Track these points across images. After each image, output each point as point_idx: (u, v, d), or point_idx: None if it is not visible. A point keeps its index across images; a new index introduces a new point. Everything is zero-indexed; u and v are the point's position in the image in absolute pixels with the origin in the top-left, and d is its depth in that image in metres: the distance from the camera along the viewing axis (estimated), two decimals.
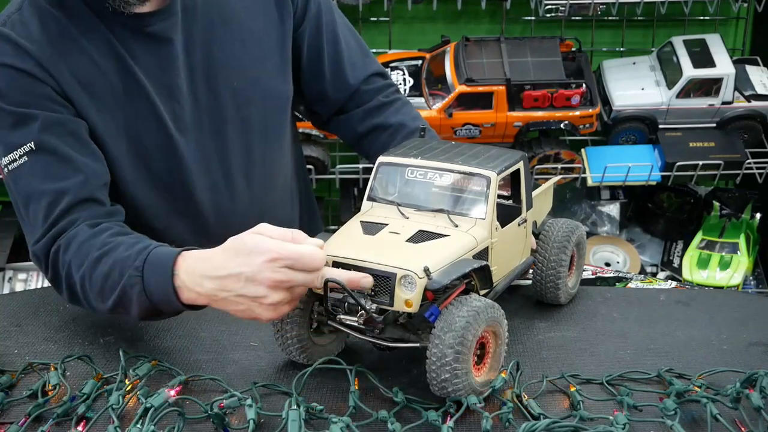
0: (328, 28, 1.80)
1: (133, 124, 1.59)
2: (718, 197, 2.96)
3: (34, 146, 1.50)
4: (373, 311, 1.24)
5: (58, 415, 1.24)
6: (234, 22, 1.67)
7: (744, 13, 2.99)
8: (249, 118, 1.71)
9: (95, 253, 1.43)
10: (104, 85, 1.56)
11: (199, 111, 1.65)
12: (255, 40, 1.69)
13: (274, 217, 1.62)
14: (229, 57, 1.66)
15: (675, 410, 1.22)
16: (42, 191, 1.50)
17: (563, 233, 1.52)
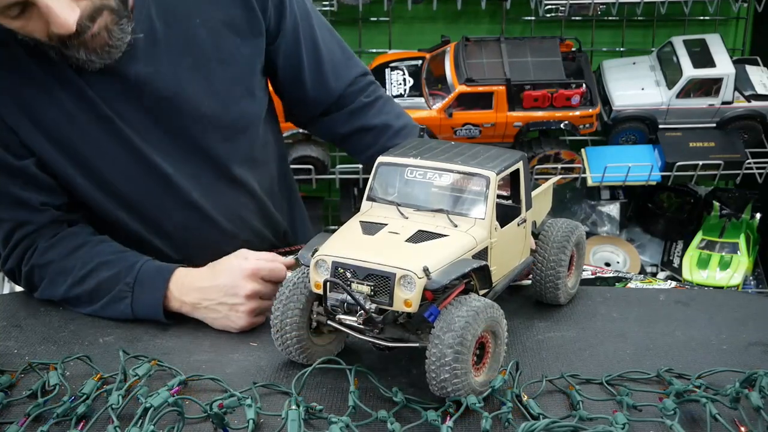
0: (307, 38, 1.75)
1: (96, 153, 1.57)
2: (718, 197, 2.96)
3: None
4: (372, 311, 1.24)
5: (58, 415, 1.24)
6: (199, 48, 1.60)
7: (744, 13, 2.99)
8: (218, 143, 1.67)
9: (80, 272, 1.56)
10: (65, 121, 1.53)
11: (164, 138, 1.61)
12: (223, 64, 1.63)
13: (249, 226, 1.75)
14: (195, 86, 1.61)
15: (674, 410, 1.22)
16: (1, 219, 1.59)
17: (563, 233, 1.52)
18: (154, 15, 1.54)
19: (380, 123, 1.83)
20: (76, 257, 1.58)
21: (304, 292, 1.33)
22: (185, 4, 1.59)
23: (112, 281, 1.54)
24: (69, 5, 1.38)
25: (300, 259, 1.33)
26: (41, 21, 1.39)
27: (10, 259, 1.61)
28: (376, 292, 1.24)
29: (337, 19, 2.86)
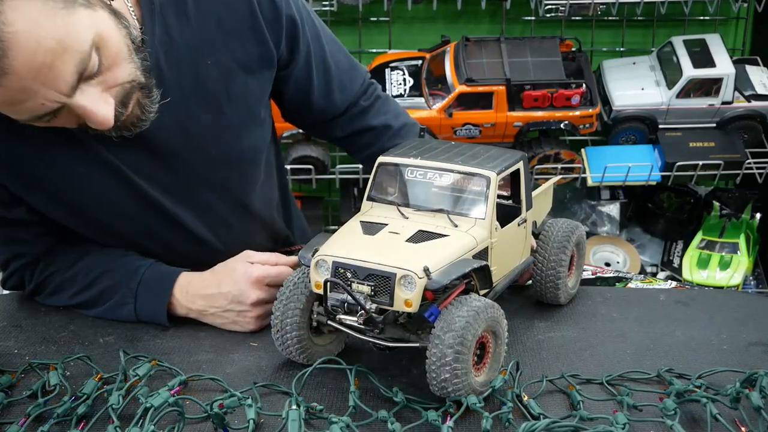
0: (318, 61, 1.71)
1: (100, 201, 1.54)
2: (718, 197, 2.96)
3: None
4: (372, 311, 1.24)
5: (59, 415, 1.24)
6: (209, 89, 1.55)
7: (744, 13, 2.99)
8: (228, 179, 1.65)
9: (85, 279, 1.57)
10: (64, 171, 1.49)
11: (174, 183, 1.58)
12: (234, 104, 1.59)
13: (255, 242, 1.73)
14: (204, 129, 1.56)
15: (675, 410, 1.22)
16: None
17: (563, 233, 1.52)
18: (163, 62, 1.47)
19: (380, 124, 1.82)
20: (79, 267, 1.58)
21: (305, 292, 1.33)
22: (196, 47, 1.51)
23: (116, 288, 1.55)
24: (102, 98, 1.33)
25: (300, 259, 1.33)
26: (72, 116, 1.33)
27: (11, 280, 1.64)
28: (376, 292, 1.24)
29: (337, 19, 2.86)
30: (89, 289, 1.57)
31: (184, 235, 1.64)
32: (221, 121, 1.58)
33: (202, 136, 1.56)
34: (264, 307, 1.51)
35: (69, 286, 1.58)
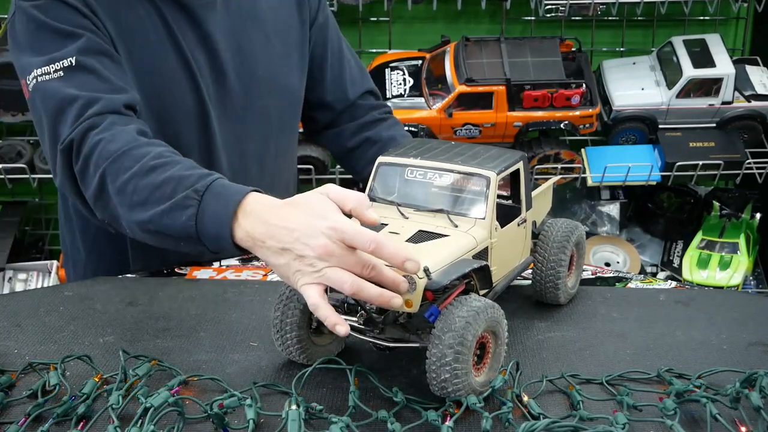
0: (333, 42, 1.90)
1: (168, 88, 1.65)
2: (718, 197, 2.96)
3: (74, 63, 1.50)
4: (372, 311, 1.24)
5: (58, 415, 1.24)
6: (261, 18, 1.77)
7: (744, 13, 2.99)
8: (268, 108, 1.79)
9: (151, 161, 1.38)
10: (148, 44, 1.63)
11: (223, 92, 1.72)
12: (278, 38, 1.79)
13: None
14: (255, 48, 1.75)
15: (675, 410, 1.22)
16: (76, 96, 1.48)
17: (563, 233, 1.52)
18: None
19: (387, 136, 1.89)
20: (148, 150, 1.41)
21: None
22: None
23: (182, 183, 1.34)
24: None
25: None
26: None
27: (76, 130, 1.46)
28: None
29: (337, 19, 2.85)
30: (153, 173, 1.37)
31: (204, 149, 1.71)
32: (268, 49, 1.76)
33: (251, 54, 1.74)
34: (326, 263, 1.19)
35: (131, 163, 1.39)
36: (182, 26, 1.67)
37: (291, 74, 1.83)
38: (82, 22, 1.55)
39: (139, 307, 1.60)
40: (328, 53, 1.89)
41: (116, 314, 1.57)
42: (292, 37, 1.82)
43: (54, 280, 2.70)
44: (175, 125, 1.67)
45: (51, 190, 3.05)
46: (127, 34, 1.62)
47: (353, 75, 1.93)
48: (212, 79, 1.72)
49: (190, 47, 1.68)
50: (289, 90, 1.83)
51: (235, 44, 1.73)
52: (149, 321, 1.55)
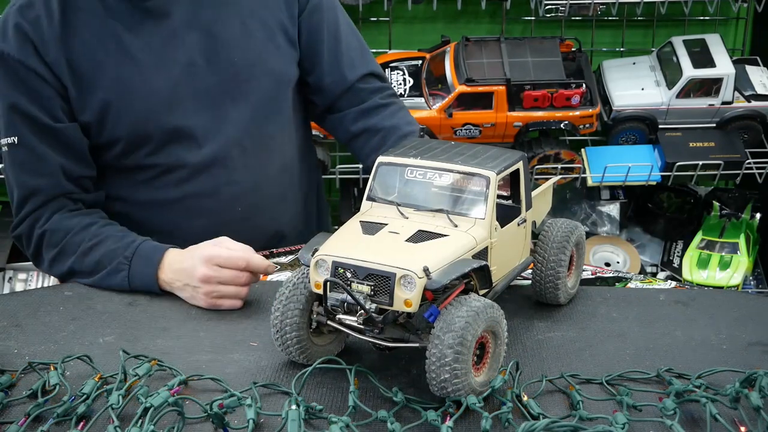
0: (330, 22, 1.88)
1: (134, 91, 1.72)
2: (718, 197, 2.95)
3: (17, 141, 1.71)
4: (372, 311, 1.24)
5: (58, 415, 1.24)
6: (234, 3, 1.78)
7: (744, 13, 2.98)
8: (248, 92, 1.80)
9: (87, 243, 1.69)
10: (100, 64, 1.70)
11: (197, 82, 1.76)
12: (256, 20, 1.80)
13: (266, 191, 1.84)
14: (230, 35, 1.77)
15: (674, 410, 1.22)
16: (18, 183, 1.75)
17: (562, 233, 1.52)
18: None
19: (390, 125, 1.88)
20: (85, 233, 1.70)
21: (304, 292, 1.33)
22: None
23: (113, 255, 1.65)
24: None
25: (300, 258, 1.33)
26: None
27: (22, 225, 1.75)
28: (376, 292, 1.24)
29: None
30: (90, 253, 1.67)
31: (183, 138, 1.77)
32: (245, 34, 1.78)
33: (226, 41, 1.76)
34: (212, 287, 1.56)
35: (74, 249, 1.69)
36: (140, 28, 1.72)
37: (275, 56, 1.82)
38: (36, 90, 1.69)
39: (139, 307, 1.60)
40: (324, 35, 1.87)
41: (116, 314, 1.58)
42: (274, 17, 1.82)
43: (54, 280, 2.69)
44: (149, 122, 1.75)
45: None
46: (82, 56, 1.70)
47: (352, 57, 1.91)
48: (182, 71, 1.75)
49: (153, 46, 1.73)
50: (274, 72, 1.83)
51: (205, 33, 1.75)
52: (149, 321, 1.55)
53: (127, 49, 1.72)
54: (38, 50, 1.68)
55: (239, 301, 1.59)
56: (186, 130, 1.77)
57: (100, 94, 1.72)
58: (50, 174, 1.73)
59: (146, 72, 1.73)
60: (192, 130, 1.78)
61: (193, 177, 1.80)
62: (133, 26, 1.72)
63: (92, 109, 1.73)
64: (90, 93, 1.72)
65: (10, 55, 1.67)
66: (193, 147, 1.78)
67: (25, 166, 1.73)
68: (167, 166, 1.79)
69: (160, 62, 1.74)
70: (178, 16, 1.74)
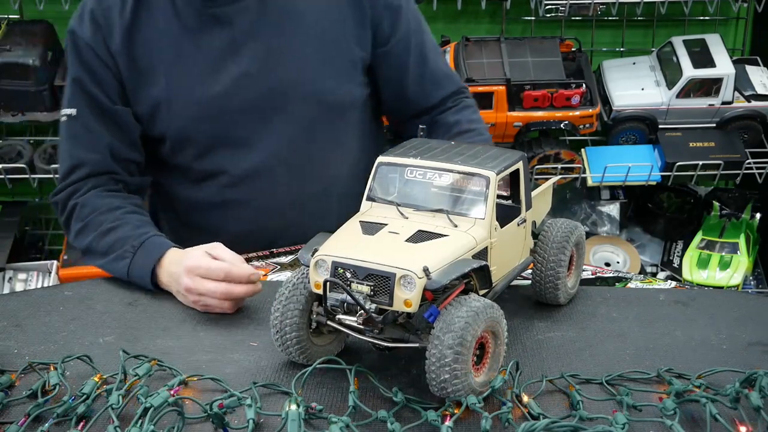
0: (417, 49, 1.89)
1: (178, 99, 1.77)
2: (718, 197, 2.95)
3: (75, 114, 1.79)
4: (372, 311, 1.24)
5: (58, 415, 1.24)
6: (300, 20, 1.79)
7: (744, 13, 2.99)
8: (294, 110, 1.81)
9: (108, 225, 1.73)
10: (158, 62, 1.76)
11: (248, 94, 1.78)
12: (318, 41, 1.80)
13: (307, 209, 1.87)
14: (287, 51, 1.79)
15: (674, 410, 1.22)
16: (69, 153, 1.82)
17: (562, 233, 1.52)
18: None
19: (453, 120, 1.91)
20: (110, 214, 1.74)
21: (304, 292, 1.33)
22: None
23: (124, 242, 1.69)
24: None
25: (300, 259, 1.33)
26: None
27: (62, 193, 1.81)
28: (376, 292, 1.24)
29: None
30: (107, 235, 1.71)
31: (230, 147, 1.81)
32: (305, 53, 1.79)
33: (284, 58, 1.78)
34: (196, 297, 1.56)
35: (95, 228, 1.74)
36: (202, 33, 1.75)
37: (329, 79, 1.82)
38: (100, 75, 1.76)
39: (139, 307, 1.60)
40: (410, 64, 1.88)
41: (116, 314, 1.58)
42: (338, 40, 1.82)
43: (54, 280, 2.70)
44: (195, 127, 1.80)
45: (51, 190, 3.04)
46: (143, 51, 1.76)
47: (437, 78, 1.93)
48: (234, 80, 1.77)
49: (210, 53, 1.76)
50: (322, 95, 1.83)
51: (264, 45, 1.77)
52: (149, 321, 1.55)
53: (185, 52, 1.76)
54: (106, 38, 1.75)
55: (228, 308, 1.57)
56: (230, 139, 1.81)
57: (153, 92, 1.78)
58: (98, 151, 1.79)
59: (199, 77, 1.77)
60: (236, 139, 1.81)
61: (234, 185, 1.85)
62: (196, 30, 1.76)
63: (144, 104, 1.79)
64: (143, 88, 1.78)
65: (81, 38, 1.76)
66: (236, 156, 1.82)
67: (78, 139, 1.80)
68: (211, 171, 1.85)
69: (214, 69, 1.77)
70: (240, 25, 1.76)
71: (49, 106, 2.68)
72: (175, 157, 1.85)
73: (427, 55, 1.91)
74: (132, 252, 1.66)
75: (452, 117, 1.93)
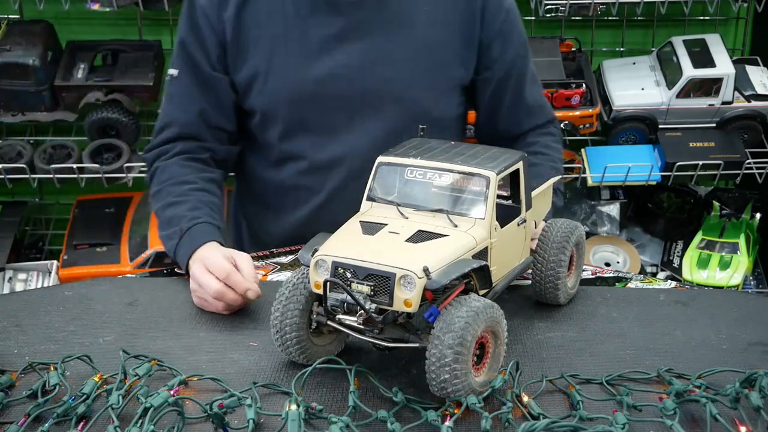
0: (517, 78, 1.90)
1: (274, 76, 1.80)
2: (718, 197, 2.95)
3: (175, 75, 1.86)
4: (372, 311, 1.24)
5: (58, 415, 1.24)
6: (410, 27, 1.81)
7: (744, 13, 2.99)
8: (386, 114, 1.83)
9: (173, 198, 1.78)
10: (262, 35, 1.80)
11: (342, 87, 1.80)
12: (425, 52, 1.81)
13: None
14: (393, 55, 1.80)
15: (674, 410, 1.22)
16: (164, 111, 1.90)
17: (562, 233, 1.52)
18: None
19: (530, 141, 1.93)
20: (179, 187, 1.79)
21: (304, 292, 1.33)
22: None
23: (179, 220, 1.72)
24: None
25: (300, 259, 1.33)
26: None
27: (152, 152, 1.88)
28: (376, 292, 1.24)
29: None
30: (169, 208, 1.77)
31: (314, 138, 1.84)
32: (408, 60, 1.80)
33: (384, 58, 1.80)
34: (196, 286, 1.58)
35: (166, 195, 1.79)
36: (312, 17, 1.79)
37: (426, 91, 1.83)
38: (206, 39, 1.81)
39: (139, 307, 1.60)
40: (508, 92, 1.89)
41: (116, 314, 1.57)
42: (445, 60, 1.83)
43: (54, 280, 2.69)
44: (284, 106, 1.83)
45: (51, 190, 3.05)
46: (250, 22, 1.80)
47: (530, 108, 1.94)
48: (333, 70, 1.80)
49: (316, 38, 1.79)
50: (416, 105, 1.83)
51: (370, 43, 1.80)
52: (149, 321, 1.55)
53: (292, 32, 1.79)
54: (221, 6, 1.80)
55: (222, 310, 1.56)
56: (316, 126, 1.84)
57: (252, 63, 1.82)
58: (190, 112, 1.85)
59: (301, 58, 1.79)
60: (322, 127, 1.84)
61: (311, 172, 1.88)
62: (308, 15, 1.79)
63: (242, 74, 1.83)
64: (245, 58, 1.82)
65: (198, 1, 1.82)
66: (318, 144, 1.84)
67: (174, 99, 1.88)
68: (291, 154, 1.87)
69: (317, 54, 1.79)
70: (353, 19, 1.79)
71: (49, 106, 2.68)
72: (262, 134, 1.88)
73: (525, 84, 1.92)
74: (179, 235, 1.70)
75: (532, 138, 1.95)
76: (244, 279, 1.55)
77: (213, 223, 1.73)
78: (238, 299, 1.54)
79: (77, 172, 2.64)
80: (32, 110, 2.69)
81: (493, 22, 1.84)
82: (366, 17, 1.80)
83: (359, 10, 1.79)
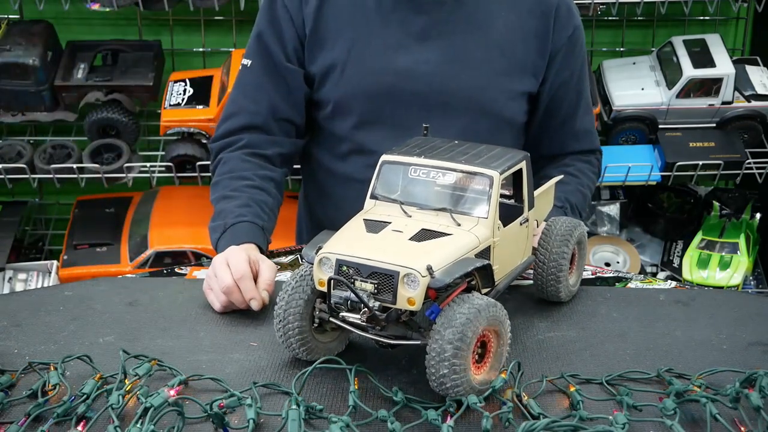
0: (571, 99, 1.89)
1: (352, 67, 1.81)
2: (718, 197, 2.95)
3: (248, 65, 1.88)
4: (375, 309, 1.24)
5: (58, 415, 1.24)
6: (489, 30, 1.81)
7: (744, 13, 2.99)
8: (458, 113, 1.82)
9: (226, 192, 1.80)
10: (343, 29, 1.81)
11: (417, 84, 1.81)
12: (502, 56, 1.82)
13: None
14: (471, 56, 1.81)
15: (674, 410, 1.22)
16: (232, 100, 1.91)
17: (565, 229, 1.52)
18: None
19: (567, 162, 1.93)
20: (235, 182, 1.80)
21: (310, 284, 1.33)
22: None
23: (226, 215, 1.74)
24: None
25: (304, 256, 1.33)
26: None
27: (218, 143, 1.89)
28: (379, 290, 1.24)
29: None
30: (220, 201, 1.78)
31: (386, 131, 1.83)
32: (484, 61, 1.81)
33: (459, 61, 1.80)
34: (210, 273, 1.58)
35: (222, 187, 1.81)
36: (393, 13, 1.80)
37: (500, 94, 1.83)
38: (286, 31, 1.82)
39: (139, 307, 1.60)
40: (562, 110, 1.89)
41: (116, 314, 1.57)
42: (520, 66, 1.83)
43: (54, 280, 2.69)
44: (360, 98, 1.84)
45: (51, 190, 3.05)
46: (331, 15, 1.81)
47: (576, 133, 1.94)
48: (410, 67, 1.80)
49: (395, 33, 1.80)
50: (489, 107, 1.83)
51: (450, 43, 1.80)
52: (149, 321, 1.55)
53: (373, 26, 1.80)
54: (303, 1, 1.82)
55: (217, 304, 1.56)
56: (389, 119, 1.83)
57: (330, 55, 1.82)
58: (259, 103, 1.86)
59: (381, 51, 1.80)
60: (394, 121, 1.83)
61: None
62: (390, 11, 1.80)
63: (319, 65, 1.84)
64: (322, 50, 1.83)
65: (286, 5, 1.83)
66: (389, 138, 1.79)
67: (244, 89, 1.88)
68: (361, 146, 1.87)
69: (397, 49, 1.80)
70: (434, 18, 1.80)
71: (49, 106, 2.68)
72: (333, 124, 1.88)
73: (579, 107, 1.92)
74: (222, 229, 1.71)
75: (569, 160, 1.94)
76: (254, 288, 1.54)
77: (257, 223, 1.73)
78: (242, 304, 1.54)
79: (77, 172, 2.64)
80: (32, 110, 2.69)
81: (561, 35, 1.83)
82: (446, 17, 1.81)
83: (441, 9, 1.80)
